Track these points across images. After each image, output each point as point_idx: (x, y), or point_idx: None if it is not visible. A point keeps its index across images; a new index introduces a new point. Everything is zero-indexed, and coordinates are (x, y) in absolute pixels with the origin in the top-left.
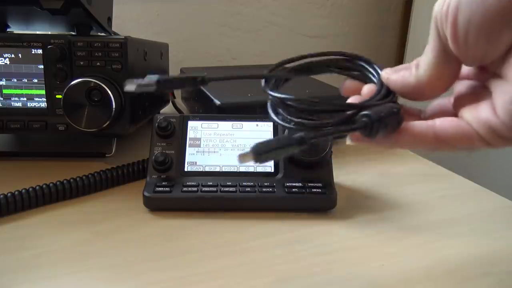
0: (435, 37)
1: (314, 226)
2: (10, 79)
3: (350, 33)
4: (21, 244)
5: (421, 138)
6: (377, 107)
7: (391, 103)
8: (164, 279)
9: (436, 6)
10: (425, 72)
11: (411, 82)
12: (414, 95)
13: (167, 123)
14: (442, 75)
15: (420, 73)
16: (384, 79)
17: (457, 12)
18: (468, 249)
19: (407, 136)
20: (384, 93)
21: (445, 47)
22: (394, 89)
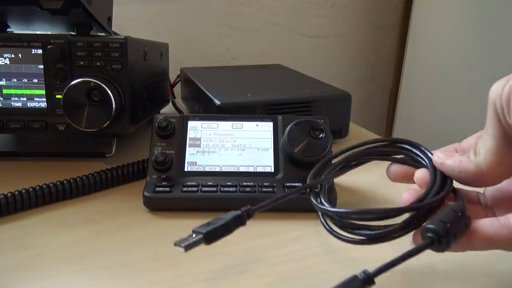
0: (495, 122)
1: (314, 226)
2: (10, 79)
3: (350, 33)
4: (21, 244)
5: (494, 241)
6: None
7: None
8: (164, 279)
9: (494, 91)
10: (485, 158)
11: (470, 169)
12: (473, 182)
13: (167, 123)
14: (504, 161)
15: (479, 159)
16: (437, 164)
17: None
18: None
19: (479, 240)
20: (439, 182)
21: (507, 132)
22: (450, 175)
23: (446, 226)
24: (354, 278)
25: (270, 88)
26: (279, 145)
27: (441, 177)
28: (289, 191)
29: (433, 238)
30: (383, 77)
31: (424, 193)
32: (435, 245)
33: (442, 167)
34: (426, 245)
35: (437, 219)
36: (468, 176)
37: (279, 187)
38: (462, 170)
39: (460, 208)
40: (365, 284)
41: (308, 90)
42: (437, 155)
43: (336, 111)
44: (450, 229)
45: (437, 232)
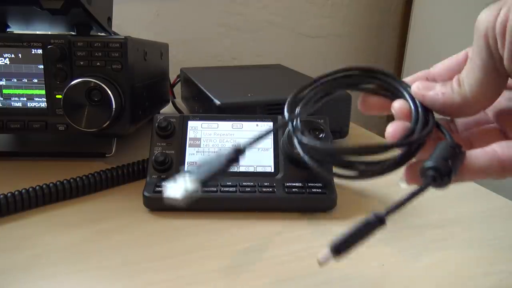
0: (484, 53)
1: (314, 226)
2: (10, 79)
3: (350, 33)
4: (21, 244)
5: (486, 172)
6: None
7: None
8: (164, 279)
9: (485, 21)
10: (471, 90)
11: (456, 100)
12: (457, 113)
13: (167, 123)
14: (490, 93)
15: (465, 90)
16: (418, 96)
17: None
18: (468, 249)
19: (471, 173)
20: (423, 115)
21: (497, 65)
22: (431, 107)
23: (447, 162)
24: (366, 222)
25: (270, 88)
26: (279, 145)
27: (422, 109)
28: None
29: (435, 176)
30: None
31: (411, 127)
32: (437, 182)
33: (423, 99)
34: (429, 183)
35: (436, 156)
36: (453, 107)
37: (279, 187)
38: (446, 102)
39: (455, 144)
40: (377, 226)
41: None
42: (417, 85)
43: (336, 111)
44: (452, 166)
45: (440, 169)
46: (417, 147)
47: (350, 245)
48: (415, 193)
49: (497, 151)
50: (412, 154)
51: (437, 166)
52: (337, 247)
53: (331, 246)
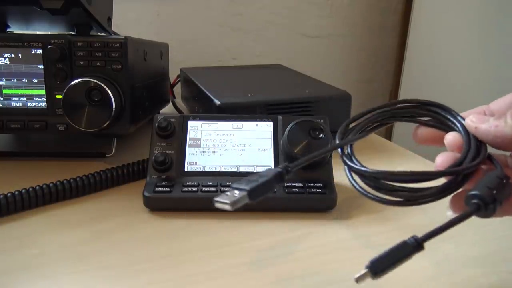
0: None
1: (314, 226)
2: (10, 79)
3: (350, 33)
4: (21, 244)
5: None
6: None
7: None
8: (164, 279)
9: None
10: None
11: (507, 133)
12: (509, 146)
13: (167, 123)
14: None
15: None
16: (471, 128)
17: None
18: (468, 249)
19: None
20: (474, 147)
21: None
22: (484, 140)
23: (492, 192)
24: (404, 244)
25: (270, 88)
26: (279, 145)
27: (475, 142)
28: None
29: (479, 204)
30: (383, 77)
31: (460, 158)
32: (481, 211)
33: (476, 131)
34: (472, 211)
35: (481, 185)
36: (505, 140)
37: (279, 187)
38: (498, 135)
39: (504, 175)
40: (415, 249)
41: (308, 90)
42: (470, 119)
43: (336, 111)
44: (497, 196)
45: (484, 198)
46: (464, 177)
47: (387, 266)
48: (456, 219)
49: None
50: (458, 184)
51: (481, 194)
52: (374, 267)
53: (369, 265)
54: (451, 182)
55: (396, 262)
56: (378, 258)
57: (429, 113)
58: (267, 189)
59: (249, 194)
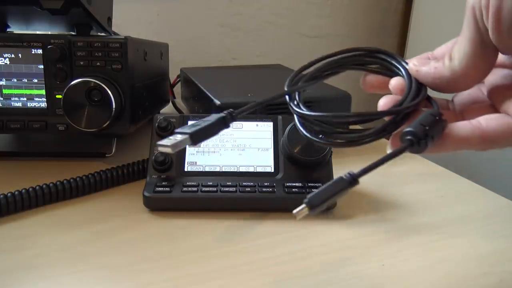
0: (472, 27)
1: (314, 226)
2: (10, 79)
3: (350, 33)
4: (21, 244)
5: (467, 142)
6: (417, 119)
7: (430, 110)
8: (164, 279)
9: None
10: (460, 63)
11: (445, 74)
12: (448, 87)
13: (167, 123)
14: (479, 66)
15: (454, 64)
16: (412, 71)
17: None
18: (468, 249)
19: (454, 141)
20: (415, 88)
21: (484, 37)
22: (425, 82)
23: (425, 128)
24: (340, 179)
25: (270, 88)
26: (279, 145)
27: (416, 84)
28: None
29: (412, 140)
30: None
31: (401, 99)
32: (414, 147)
33: (418, 74)
34: (405, 146)
35: (415, 122)
36: (443, 81)
37: (279, 187)
38: (437, 76)
39: (437, 112)
40: (350, 184)
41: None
42: (413, 62)
43: (336, 111)
44: (428, 131)
45: (417, 134)
46: (404, 116)
47: (323, 200)
48: (390, 155)
49: (481, 123)
50: (398, 123)
51: (414, 130)
52: (312, 201)
53: (306, 200)
54: (391, 121)
55: (332, 196)
56: (315, 193)
57: (377, 60)
58: (210, 133)
59: (191, 136)
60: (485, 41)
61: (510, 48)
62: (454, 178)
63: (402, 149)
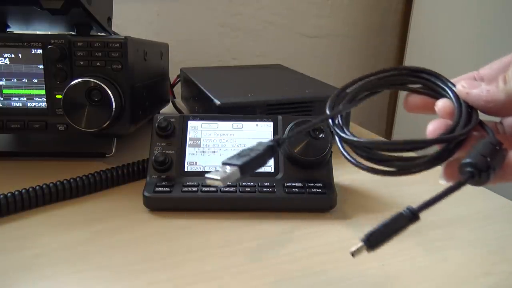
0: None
1: (314, 226)
2: (10, 79)
3: (351, 33)
4: (21, 244)
5: None
6: (475, 149)
7: (487, 139)
8: (164, 279)
9: None
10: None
11: (500, 97)
12: (502, 111)
13: (167, 123)
14: None
15: (510, 87)
16: (462, 94)
17: None
18: (468, 249)
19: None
20: (466, 113)
21: None
22: (476, 106)
23: (486, 159)
24: (399, 216)
25: (270, 88)
26: None
27: (466, 108)
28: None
29: (473, 172)
30: None
31: (452, 125)
32: (475, 179)
33: (468, 97)
34: (466, 179)
35: (475, 152)
36: (498, 105)
37: (279, 187)
38: (489, 99)
39: (496, 142)
40: (411, 221)
41: (308, 90)
42: (462, 84)
43: None
44: (490, 163)
45: (478, 165)
46: (457, 144)
47: (383, 238)
48: (451, 189)
49: None
50: (451, 151)
51: (475, 162)
52: (370, 240)
53: (364, 238)
54: (444, 149)
55: (392, 234)
56: (373, 231)
57: (420, 80)
58: (259, 164)
59: (241, 169)
60: None
61: None
62: None
63: (463, 182)
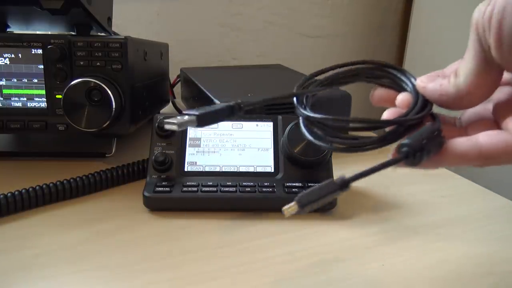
0: (476, 44)
1: (314, 226)
2: (10, 79)
3: (350, 33)
4: (21, 244)
5: (465, 158)
6: (416, 132)
7: (430, 124)
8: (164, 279)
9: (476, 12)
10: (465, 81)
11: (450, 91)
12: (453, 104)
13: None
14: (484, 84)
15: (459, 81)
16: (420, 88)
17: (502, 18)
18: (468, 249)
19: (451, 157)
20: (420, 104)
21: (487, 54)
22: (431, 99)
23: (422, 141)
24: (331, 182)
25: (270, 88)
26: (279, 145)
27: (422, 100)
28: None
29: (408, 151)
30: None
31: (405, 112)
32: (410, 159)
33: (424, 90)
34: (401, 158)
35: (414, 135)
36: (449, 98)
37: (279, 187)
38: (443, 93)
39: (437, 128)
40: (341, 188)
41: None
42: (420, 79)
43: (336, 111)
44: (425, 145)
45: (413, 146)
46: (407, 128)
47: (313, 199)
48: (384, 164)
49: (479, 139)
50: (401, 134)
51: (411, 142)
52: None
53: (297, 198)
54: (393, 131)
55: (321, 197)
56: (306, 193)
57: (388, 75)
58: (216, 118)
59: (198, 118)
60: (488, 58)
61: None
62: (455, 178)
63: (397, 160)
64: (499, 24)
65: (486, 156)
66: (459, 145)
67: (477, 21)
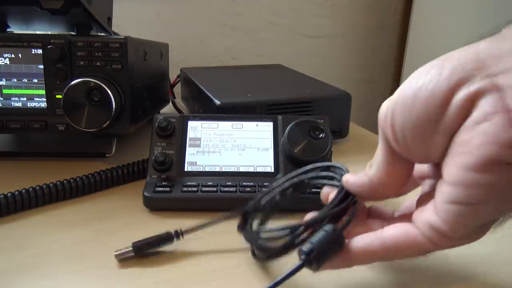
0: (381, 138)
1: None
2: (10, 79)
3: (350, 33)
4: (21, 244)
5: (369, 251)
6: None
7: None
8: (164, 279)
9: (380, 110)
10: (376, 171)
11: (365, 182)
12: (371, 195)
13: (167, 123)
14: (393, 173)
15: (372, 172)
16: (344, 182)
17: (392, 118)
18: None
19: (355, 254)
20: (340, 198)
21: (391, 146)
22: (352, 192)
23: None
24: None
25: (270, 88)
26: (279, 145)
27: (343, 195)
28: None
29: (304, 259)
30: (383, 77)
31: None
32: (310, 265)
33: (347, 184)
34: (300, 266)
35: (309, 240)
36: (365, 189)
37: None
38: (359, 185)
39: (332, 228)
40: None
41: (308, 90)
42: (346, 175)
43: (336, 111)
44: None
45: (305, 252)
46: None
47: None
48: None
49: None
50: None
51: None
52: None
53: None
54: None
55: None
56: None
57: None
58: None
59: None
60: (393, 150)
61: (413, 157)
62: None
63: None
64: (391, 122)
65: (389, 247)
66: (361, 239)
67: (380, 118)
